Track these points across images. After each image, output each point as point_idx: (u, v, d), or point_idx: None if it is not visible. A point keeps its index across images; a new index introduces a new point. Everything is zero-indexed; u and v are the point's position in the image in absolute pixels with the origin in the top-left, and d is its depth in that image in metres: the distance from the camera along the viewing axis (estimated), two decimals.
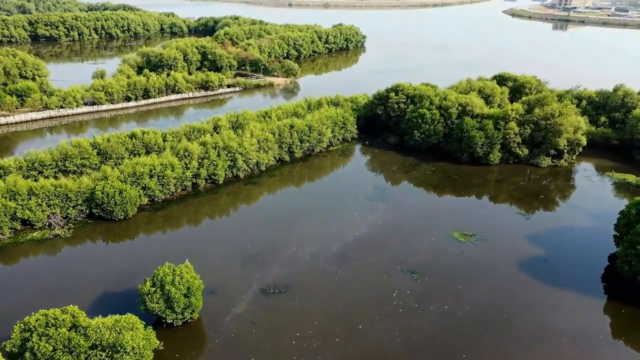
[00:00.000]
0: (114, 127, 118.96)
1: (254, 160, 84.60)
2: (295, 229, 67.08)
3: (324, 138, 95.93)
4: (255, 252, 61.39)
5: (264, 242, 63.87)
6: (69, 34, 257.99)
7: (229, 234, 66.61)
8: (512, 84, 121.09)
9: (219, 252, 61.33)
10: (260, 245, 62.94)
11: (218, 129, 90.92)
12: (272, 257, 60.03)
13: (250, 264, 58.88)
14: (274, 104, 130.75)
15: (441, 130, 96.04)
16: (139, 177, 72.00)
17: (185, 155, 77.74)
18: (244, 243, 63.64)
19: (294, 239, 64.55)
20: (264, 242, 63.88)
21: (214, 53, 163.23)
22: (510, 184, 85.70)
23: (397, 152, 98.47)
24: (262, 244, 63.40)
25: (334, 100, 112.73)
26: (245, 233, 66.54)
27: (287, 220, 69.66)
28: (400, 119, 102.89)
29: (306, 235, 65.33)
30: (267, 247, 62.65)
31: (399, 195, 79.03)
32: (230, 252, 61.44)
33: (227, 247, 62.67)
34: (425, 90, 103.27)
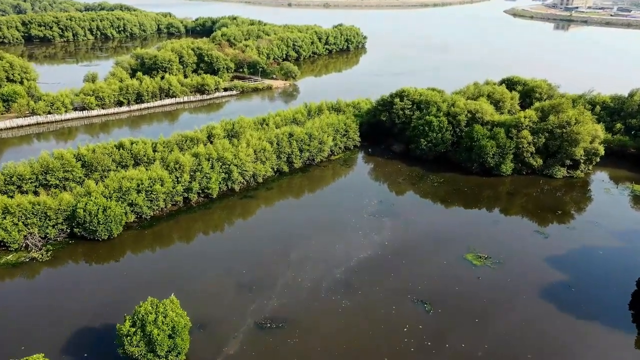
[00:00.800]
0: (105, 132, 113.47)
1: (250, 172, 79.08)
2: (295, 250, 61.53)
3: (325, 147, 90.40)
4: (251, 278, 55.85)
5: (260, 266, 58.35)
6: (63, 35, 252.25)
7: (221, 256, 61.03)
8: (522, 88, 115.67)
9: (210, 278, 55.77)
10: (256, 270, 57.41)
11: (212, 138, 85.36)
12: (269, 285, 54.49)
13: (244, 292, 53.33)
14: (272, 109, 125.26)
15: (449, 139, 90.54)
16: (126, 192, 66.44)
17: (176, 168, 72.18)
18: (238, 267, 58.10)
19: (293, 262, 59.03)
20: (260, 266, 58.36)
21: (210, 55, 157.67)
22: (523, 197, 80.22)
23: (403, 162, 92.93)
24: (258, 268, 57.87)
25: (335, 105, 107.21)
26: (239, 255, 61.00)
27: (285, 240, 64.12)
28: (405, 126, 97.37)
29: (306, 258, 59.80)
30: (264, 272, 57.13)
31: (406, 210, 73.48)
32: (223, 278, 55.91)
33: (219, 272, 57.14)
34: (432, 95, 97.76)
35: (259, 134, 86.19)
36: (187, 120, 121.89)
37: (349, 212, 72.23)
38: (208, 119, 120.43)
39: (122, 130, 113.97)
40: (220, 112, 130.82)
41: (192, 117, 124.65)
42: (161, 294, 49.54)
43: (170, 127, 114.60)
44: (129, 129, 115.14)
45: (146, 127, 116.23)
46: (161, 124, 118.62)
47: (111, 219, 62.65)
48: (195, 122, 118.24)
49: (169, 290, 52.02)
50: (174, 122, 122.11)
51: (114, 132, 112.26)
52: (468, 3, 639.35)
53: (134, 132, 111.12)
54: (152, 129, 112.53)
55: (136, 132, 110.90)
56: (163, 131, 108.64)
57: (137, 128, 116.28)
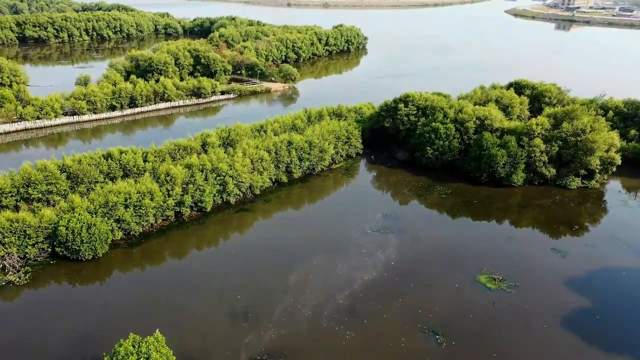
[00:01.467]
0: (97, 138, 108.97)
1: (246, 184, 74.48)
2: (294, 271, 56.93)
3: (325, 156, 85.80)
4: (246, 304, 51.23)
5: (256, 289, 53.76)
6: (59, 36, 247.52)
7: (214, 277, 56.41)
8: (530, 92, 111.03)
9: (201, 305, 51.16)
10: (251, 295, 52.82)
11: (207, 147, 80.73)
12: (266, 312, 49.88)
13: (238, 322, 48.71)
14: (270, 113, 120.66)
15: (457, 147, 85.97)
16: (112, 207, 61.82)
17: (167, 181, 67.56)
18: (232, 291, 53.52)
19: (292, 285, 54.44)
20: (255, 289, 53.77)
21: (207, 57, 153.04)
22: (536, 209, 75.66)
23: (407, 171, 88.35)
24: (253, 292, 53.28)
25: (336, 111, 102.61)
26: (234, 277, 56.43)
27: (284, 260, 59.53)
28: (410, 132, 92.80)
29: (306, 280, 55.21)
30: (260, 297, 52.54)
31: (412, 225, 68.86)
32: (215, 304, 51.30)
33: (211, 297, 52.54)
34: (438, 101, 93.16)
35: (256, 142, 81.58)
36: (183, 125, 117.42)
37: (351, 227, 67.65)
38: (204, 123, 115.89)
39: (114, 135, 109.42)
40: (217, 116, 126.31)
41: (187, 122, 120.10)
42: (147, 324, 45.09)
43: (164, 132, 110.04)
44: (122, 134, 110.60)
45: (140, 132, 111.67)
46: (155, 129, 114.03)
47: (96, 237, 58.06)
48: (191, 126, 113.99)
49: (155, 319, 47.53)
50: (169, 127, 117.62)
51: (106, 138, 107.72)
52: (468, 3, 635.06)
53: (126, 137, 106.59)
54: (146, 135, 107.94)
55: (129, 138, 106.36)
56: (157, 136, 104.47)
57: (130, 133, 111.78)
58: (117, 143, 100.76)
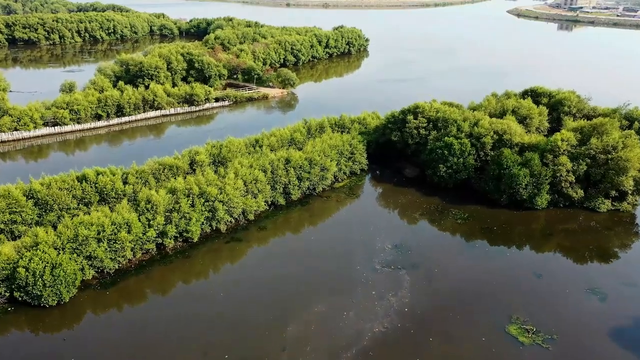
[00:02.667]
0: (81, 149, 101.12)
1: (239, 209, 66.26)
2: (292, 321, 48.73)
3: (327, 174, 77.60)
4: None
5: (248, 344, 45.59)
6: (49, 37, 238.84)
7: (200, 326, 48.17)
8: (547, 100, 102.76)
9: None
10: (242, 351, 44.64)
11: (195, 165, 72.50)
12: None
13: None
14: (267, 122, 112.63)
15: (473, 165, 77.82)
16: (83, 242, 53.60)
17: (147, 209, 59.32)
18: (219, 346, 45.34)
19: (288, 339, 46.25)
20: (248, 344, 45.61)
21: (201, 61, 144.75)
22: (564, 237, 67.56)
23: (418, 190, 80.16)
24: (245, 348, 45.12)
25: (338, 122, 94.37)
26: (222, 327, 48.25)
27: (280, 305, 51.31)
28: (420, 147, 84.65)
29: (307, 333, 47.00)
30: (252, 354, 44.36)
31: (426, 258, 60.65)
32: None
33: (195, 356, 44.32)
34: (451, 112, 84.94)
35: (250, 160, 73.35)
36: (173, 136, 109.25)
37: (358, 261, 59.47)
38: (196, 133, 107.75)
39: (99, 147, 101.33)
40: (210, 125, 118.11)
41: (178, 132, 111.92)
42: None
43: (153, 144, 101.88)
44: (107, 146, 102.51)
45: (126, 144, 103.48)
46: (144, 140, 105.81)
47: (61, 279, 49.83)
48: (182, 137, 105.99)
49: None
50: (160, 136, 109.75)
51: (89, 151, 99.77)
52: (469, 3, 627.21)
53: (111, 151, 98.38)
54: (132, 148, 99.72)
55: (114, 150, 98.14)
56: (145, 149, 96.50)
57: (117, 143, 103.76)
58: (101, 157, 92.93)
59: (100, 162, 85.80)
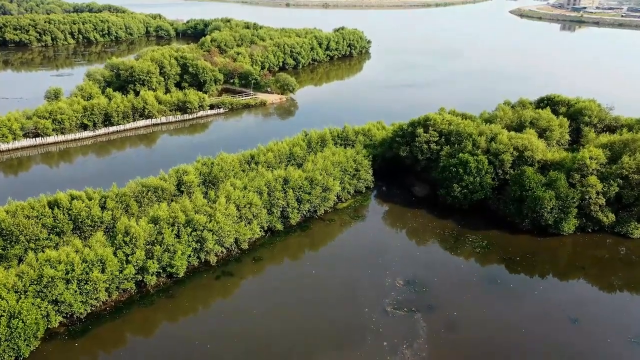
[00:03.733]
0: (65, 161, 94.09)
1: (231, 238, 58.90)
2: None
3: (330, 195, 70.22)
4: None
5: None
6: (41, 39, 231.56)
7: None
8: (565, 109, 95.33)
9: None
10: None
11: (183, 186, 65.11)
12: None
13: None
14: (265, 131, 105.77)
15: (490, 184, 70.48)
16: (48, 285, 46.28)
17: (125, 242, 51.98)
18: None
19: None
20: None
21: (195, 65, 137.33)
22: (596, 269, 60.27)
23: (429, 211, 72.80)
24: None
25: (341, 134, 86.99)
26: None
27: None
28: (430, 163, 77.32)
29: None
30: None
31: (444, 297, 53.30)
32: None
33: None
34: (465, 125, 77.51)
35: (244, 180, 65.97)
36: (164, 147, 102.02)
37: (366, 301, 52.13)
38: (188, 145, 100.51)
39: (83, 160, 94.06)
40: (204, 134, 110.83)
41: (169, 143, 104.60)
42: None
43: (141, 157, 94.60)
44: (92, 158, 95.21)
45: (112, 156, 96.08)
46: (132, 152, 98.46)
47: (20, 331, 42.54)
48: (173, 149, 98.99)
49: None
50: (150, 146, 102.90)
51: (78, 161, 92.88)
52: (470, 3, 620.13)
53: (95, 164, 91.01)
54: (119, 161, 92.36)
55: (97, 165, 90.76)
56: (131, 163, 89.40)
57: (105, 155, 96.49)
58: (83, 172, 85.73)
59: (81, 179, 79.03)
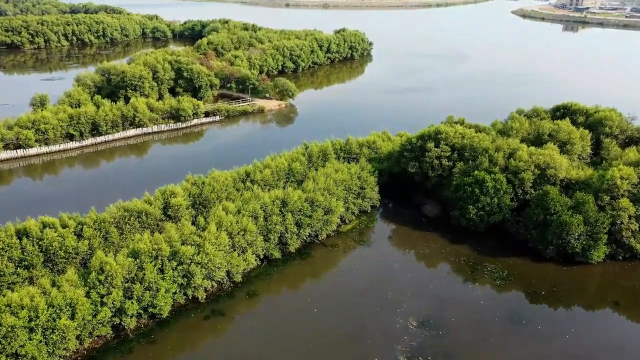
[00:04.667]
0: (48, 175, 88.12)
1: (222, 271, 52.45)
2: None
3: (333, 217, 63.75)
4: None
5: None
6: (34, 41, 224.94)
7: None
8: (583, 119, 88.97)
9: None
10: None
11: (169, 209, 58.64)
12: None
13: None
14: (262, 140, 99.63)
15: (509, 205, 64.03)
16: (7, 336, 39.85)
17: (99, 280, 45.54)
18: None
19: None
20: None
21: (190, 70, 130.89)
22: (630, 300, 53.91)
23: (442, 235, 66.31)
24: None
25: (344, 146, 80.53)
26: None
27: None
28: (442, 180, 70.87)
29: None
30: None
31: (464, 343, 46.82)
32: None
33: None
34: (480, 139, 70.99)
35: (237, 203, 59.51)
36: (153, 159, 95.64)
37: (374, 346, 45.67)
38: (180, 156, 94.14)
39: (67, 174, 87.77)
40: (198, 144, 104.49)
41: (160, 154, 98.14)
42: None
43: (128, 171, 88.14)
44: (84, 167, 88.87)
45: (94, 173, 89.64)
46: (118, 165, 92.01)
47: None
48: (163, 161, 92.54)
49: None
50: (139, 158, 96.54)
51: (64, 173, 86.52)
52: (471, 3, 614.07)
53: (78, 179, 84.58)
54: (102, 176, 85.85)
55: (81, 180, 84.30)
56: (116, 178, 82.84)
57: (92, 167, 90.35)
58: (64, 189, 79.43)
59: (60, 197, 73.22)
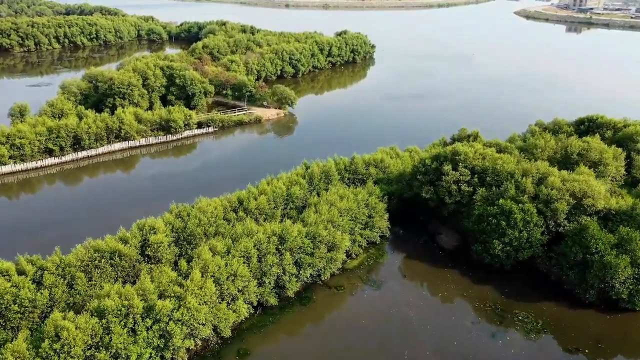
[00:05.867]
0: (23, 195, 79.39)
1: (207, 328, 44.12)
2: None
3: (338, 254, 55.43)
4: None
5: None
6: (24, 44, 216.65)
7: None
8: (611, 133, 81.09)
9: None
10: None
11: (148, 248, 50.28)
12: None
13: None
14: (259, 155, 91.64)
15: (540, 240, 55.73)
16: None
17: (55, 351, 37.20)
18: None
19: None
20: None
21: (183, 76, 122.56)
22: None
23: (462, 272, 57.97)
24: None
25: (348, 166, 72.24)
26: None
27: None
28: (461, 207, 62.57)
29: None
30: None
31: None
32: None
33: None
34: (504, 162, 62.57)
35: (227, 241, 51.15)
36: (138, 178, 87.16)
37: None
38: (168, 174, 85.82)
39: (55, 187, 79.33)
40: (189, 159, 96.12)
41: (146, 172, 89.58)
42: None
43: (109, 194, 79.55)
44: (65, 184, 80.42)
45: (89, 182, 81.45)
46: (100, 185, 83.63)
47: None
48: (149, 180, 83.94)
49: None
50: (124, 175, 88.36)
51: (29, 203, 77.81)
52: (473, 3, 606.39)
53: (51, 206, 76.21)
54: (81, 199, 77.42)
55: (52, 206, 75.95)
56: (96, 201, 74.29)
57: (66, 190, 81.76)
58: (29, 220, 69.99)
59: (28, 228, 64.58)
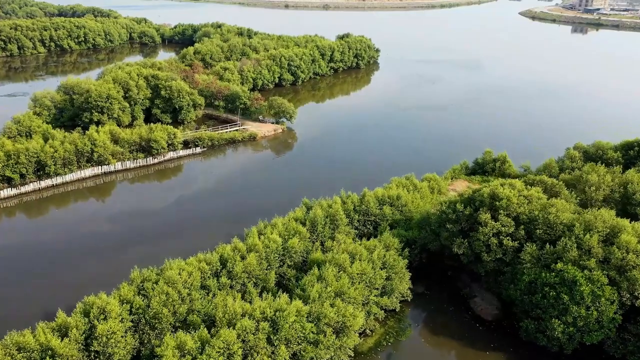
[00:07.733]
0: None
1: None
2: None
3: (348, 340, 42.28)
4: None
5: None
6: (6, 48, 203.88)
7: None
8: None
9: None
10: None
11: (95, 342, 37.14)
12: None
13: None
14: (253, 183, 78.73)
15: (613, 320, 42.66)
16: None
17: None
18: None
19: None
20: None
21: (169, 87, 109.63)
22: None
23: (508, 355, 44.99)
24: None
25: (358, 206, 59.16)
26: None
27: None
28: (502, 265, 49.51)
29: None
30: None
31: None
32: None
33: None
34: (558, 210, 49.31)
35: (202, 332, 37.99)
36: (107, 216, 73.43)
37: None
38: (142, 211, 72.72)
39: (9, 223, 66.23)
40: (170, 188, 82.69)
41: (117, 207, 76.00)
42: None
43: (63, 245, 66.26)
44: (27, 217, 67.27)
45: (55, 215, 68.35)
46: (61, 225, 70.44)
47: None
48: (117, 220, 70.21)
49: None
50: (103, 200, 74.69)
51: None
52: (475, 4, 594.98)
53: (29, 233, 63.04)
54: (26, 252, 64.05)
55: (35, 234, 62.81)
56: (43, 257, 60.10)
57: (23, 228, 68.41)
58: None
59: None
